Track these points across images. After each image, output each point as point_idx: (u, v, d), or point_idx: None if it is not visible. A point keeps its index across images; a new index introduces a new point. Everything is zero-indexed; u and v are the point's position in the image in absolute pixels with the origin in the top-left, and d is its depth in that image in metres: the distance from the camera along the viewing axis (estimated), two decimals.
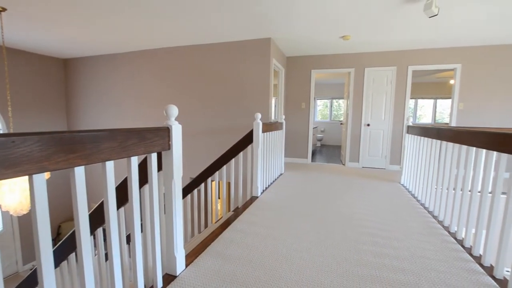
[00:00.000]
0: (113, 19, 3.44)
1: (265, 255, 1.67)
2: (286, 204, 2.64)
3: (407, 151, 3.52)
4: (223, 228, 2.04)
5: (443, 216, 2.28)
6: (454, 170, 2.15)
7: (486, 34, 3.88)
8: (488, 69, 4.41)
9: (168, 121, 1.35)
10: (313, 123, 5.73)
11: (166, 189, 1.38)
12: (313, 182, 3.67)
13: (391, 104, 4.90)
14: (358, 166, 5.13)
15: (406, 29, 3.67)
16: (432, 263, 1.62)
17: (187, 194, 2.86)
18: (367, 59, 4.91)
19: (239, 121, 4.34)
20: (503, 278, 1.47)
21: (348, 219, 2.30)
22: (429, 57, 4.63)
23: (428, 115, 8.69)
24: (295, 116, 5.39)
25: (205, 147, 4.59)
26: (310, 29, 3.70)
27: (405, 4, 2.92)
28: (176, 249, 1.42)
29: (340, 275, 1.48)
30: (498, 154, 1.56)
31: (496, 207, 1.57)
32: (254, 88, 4.23)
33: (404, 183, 3.59)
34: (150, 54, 4.84)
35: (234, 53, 4.30)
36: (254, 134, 2.73)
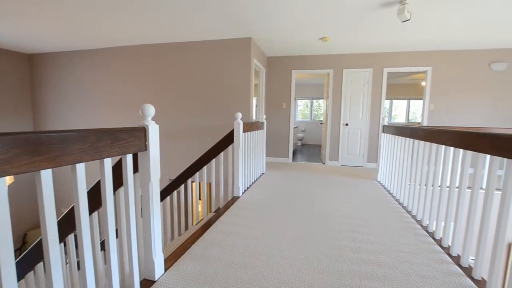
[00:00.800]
0: (85, 13, 3.27)
1: (247, 255, 1.66)
2: (267, 204, 2.65)
3: (383, 150, 3.67)
4: (204, 230, 2.00)
5: (416, 210, 2.40)
6: (425, 167, 2.27)
7: (453, 40, 4.13)
8: (456, 72, 4.71)
9: (145, 121, 1.30)
10: (294, 122, 5.81)
11: (143, 192, 1.33)
12: (294, 181, 3.72)
13: (368, 105, 5.08)
14: (338, 164, 5.27)
15: (381, 32, 3.83)
16: (406, 256, 1.70)
17: (166, 196, 2.79)
18: (345, 61, 5.06)
19: (220, 121, 4.30)
20: (468, 266, 1.58)
21: (328, 217, 2.35)
22: (402, 60, 4.86)
23: (402, 115, 9.12)
24: (276, 116, 5.44)
25: (185, 147, 4.50)
26: (290, 29, 3.75)
27: (380, 9, 3.04)
28: (154, 253, 1.37)
29: (320, 272, 1.51)
30: (464, 152, 1.67)
31: (463, 201, 1.68)
32: (235, 88, 4.21)
33: (381, 180, 3.74)
34: (127, 51, 4.66)
35: (214, 52, 4.25)
36: (235, 134, 2.72)
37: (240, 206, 2.54)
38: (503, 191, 1.31)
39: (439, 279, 1.46)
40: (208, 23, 3.56)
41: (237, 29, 3.75)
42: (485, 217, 1.43)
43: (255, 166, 3.59)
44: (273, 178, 3.85)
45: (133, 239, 1.25)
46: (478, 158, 1.54)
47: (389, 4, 2.93)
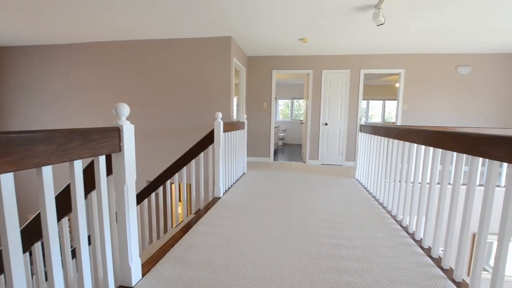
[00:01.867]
0: (51, 3, 3.07)
1: (228, 256, 1.65)
2: (249, 204, 2.65)
3: (360, 148, 3.80)
4: (183, 232, 1.96)
5: (391, 206, 2.50)
6: (399, 165, 2.38)
7: (424, 44, 4.37)
8: (426, 75, 4.98)
9: (119, 121, 1.24)
10: (275, 122, 5.86)
11: (118, 195, 1.27)
12: (275, 180, 3.74)
13: (346, 105, 5.24)
14: (318, 163, 5.38)
15: (358, 35, 3.96)
16: (382, 250, 1.76)
17: (143, 198, 2.69)
18: (324, 62, 5.18)
19: (200, 121, 4.23)
20: (438, 257, 1.67)
21: (308, 215, 2.39)
22: (378, 62, 5.06)
23: (378, 115, 9.51)
24: (257, 115, 5.45)
25: (163, 148, 4.37)
26: (270, 30, 3.77)
27: (356, 12, 3.14)
28: (130, 259, 1.31)
29: (301, 269, 1.53)
30: (434, 150, 1.77)
31: (433, 196, 1.78)
32: (215, 87, 4.16)
33: (358, 178, 3.87)
34: (100, 46, 4.45)
35: (194, 50, 4.17)
36: (215, 134, 2.68)
37: (221, 207, 2.52)
38: (468, 186, 1.40)
39: (412, 270, 1.53)
40: (187, 20, 3.49)
41: (217, 27, 3.71)
42: (452, 210, 1.52)
43: (236, 166, 3.57)
44: (254, 177, 3.85)
45: (107, 245, 1.19)
46: (446, 156, 1.64)
47: (365, 8, 3.03)
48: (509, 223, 1.14)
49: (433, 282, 1.43)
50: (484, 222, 1.27)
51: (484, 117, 4.92)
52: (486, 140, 1.24)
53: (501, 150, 1.14)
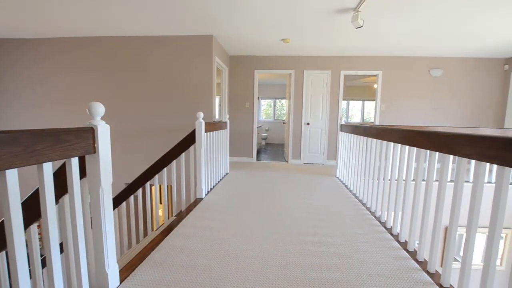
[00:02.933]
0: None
1: (210, 258, 1.62)
2: (231, 204, 2.63)
3: (341, 147, 3.90)
4: (164, 235, 1.90)
5: (370, 203, 2.59)
6: (377, 163, 2.46)
7: (400, 47, 4.57)
8: (403, 76, 5.21)
9: (93, 121, 1.18)
10: (258, 122, 5.87)
11: (92, 198, 1.21)
12: (258, 180, 3.75)
13: (327, 105, 5.36)
14: (300, 162, 5.46)
15: (338, 37, 4.06)
16: (362, 246, 1.82)
17: (121, 201, 2.59)
18: (306, 62, 5.26)
19: (181, 121, 4.14)
20: (414, 250, 1.75)
21: (291, 213, 2.41)
22: (357, 64, 5.22)
23: (358, 115, 9.82)
24: (240, 115, 5.44)
25: (143, 149, 4.24)
26: (252, 29, 3.77)
27: (336, 15, 3.22)
28: (107, 265, 1.26)
29: (284, 267, 1.54)
30: (409, 148, 1.85)
31: (408, 192, 1.86)
32: (196, 86, 4.09)
33: (339, 176, 3.97)
34: (74, 42, 4.22)
35: (174, 48, 4.08)
36: (196, 134, 2.64)
37: (204, 208, 2.48)
38: (439, 182, 1.48)
39: (390, 264, 1.59)
40: (166, 17, 3.41)
41: (198, 25, 3.65)
42: (426, 205, 1.60)
43: (218, 166, 3.53)
44: (237, 178, 3.84)
45: (82, 252, 1.13)
46: (420, 154, 1.72)
47: (344, 11, 3.11)
48: (476, 216, 1.22)
49: (409, 274, 1.49)
50: (454, 216, 1.34)
51: (455, 117, 5.22)
52: (455, 138, 1.31)
53: (468, 148, 1.22)
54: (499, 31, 3.69)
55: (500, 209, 1.09)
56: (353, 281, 1.42)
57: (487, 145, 1.11)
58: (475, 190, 1.22)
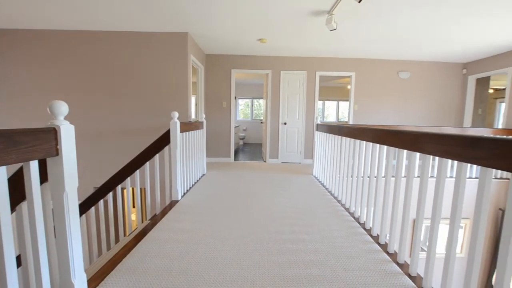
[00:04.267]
0: None
1: (187, 261, 1.58)
2: (209, 205, 2.58)
3: (317, 146, 4.00)
4: (137, 240, 1.82)
5: (345, 199, 2.68)
6: (351, 161, 2.56)
7: (372, 50, 4.79)
8: (374, 78, 5.47)
9: (55, 121, 1.09)
10: (235, 122, 5.84)
11: (55, 204, 1.12)
12: (236, 180, 3.73)
13: (304, 105, 5.47)
14: (278, 162, 5.52)
15: (313, 38, 4.16)
16: (337, 241, 1.88)
17: (90, 206, 2.43)
18: (283, 63, 5.32)
19: (156, 121, 4.00)
20: (385, 243, 1.84)
21: (269, 212, 2.43)
22: (332, 65, 5.39)
23: (333, 114, 10.14)
24: (217, 115, 5.37)
25: (114, 151, 4.02)
26: (228, 28, 3.74)
27: (311, 17, 3.29)
28: (73, 275, 1.17)
29: (262, 267, 1.54)
30: (380, 146, 1.94)
31: (380, 189, 1.95)
32: (171, 85, 3.97)
33: (316, 174, 4.06)
34: (36, 35, 3.90)
35: (147, 45, 3.92)
36: (171, 134, 2.55)
37: (179, 211, 2.41)
38: (407, 178, 1.56)
39: (363, 257, 1.65)
40: (139, 13, 3.26)
41: (173, 22, 3.54)
42: (395, 200, 1.68)
43: (195, 167, 3.46)
44: (214, 178, 3.78)
45: (43, 263, 1.04)
46: (390, 151, 1.81)
47: (319, 14, 3.19)
48: (439, 208, 1.31)
49: (380, 266, 1.56)
50: (420, 209, 1.43)
51: (421, 117, 5.59)
52: (421, 137, 1.40)
53: (432, 146, 1.30)
54: (458, 38, 4.01)
55: (459, 201, 1.17)
56: (329, 276, 1.46)
57: (448, 143, 1.19)
58: (438, 184, 1.30)
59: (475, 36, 3.89)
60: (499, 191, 4.20)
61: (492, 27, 3.51)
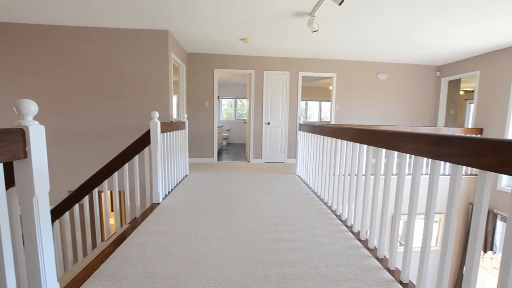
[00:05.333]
0: None
1: (169, 265, 1.54)
2: (192, 207, 2.54)
3: (300, 146, 4.05)
4: (116, 245, 1.75)
5: (327, 198, 2.73)
6: (332, 159, 2.61)
7: (352, 52, 4.92)
8: (354, 79, 5.63)
9: (23, 121, 1.02)
10: (218, 122, 5.78)
11: (24, 210, 1.05)
12: (219, 180, 3.69)
13: (287, 105, 5.52)
14: (261, 161, 5.53)
15: (295, 39, 4.21)
16: (320, 239, 1.91)
17: (64, 211, 2.30)
18: (266, 63, 5.34)
19: (135, 121, 3.86)
20: (365, 239, 1.90)
21: (253, 212, 2.42)
22: (314, 66, 5.48)
23: (315, 114, 10.33)
24: (199, 115, 5.29)
25: (91, 152, 3.84)
26: (210, 27, 3.69)
27: (293, 18, 3.32)
28: (44, 285, 1.10)
29: (246, 267, 1.53)
30: (361, 145, 1.99)
31: (360, 187, 2.01)
32: (151, 84, 3.85)
33: (299, 173, 4.12)
34: (6, 29, 3.63)
35: (126, 42, 3.78)
36: (151, 135, 2.47)
37: (161, 213, 2.34)
38: (385, 175, 1.62)
39: (345, 254, 1.69)
40: (117, 8, 3.14)
41: (153, 19, 3.44)
42: (375, 197, 1.74)
43: (177, 168, 3.38)
44: (197, 179, 3.72)
45: (9, 275, 0.97)
46: (369, 150, 1.86)
47: (301, 15, 3.23)
48: (415, 204, 1.37)
49: (361, 261, 1.60)
50: (397, 205, 1.49)
51: (399, 117, 5.82)
52: (397, 136, 1.45)
53: (408, 145, 1.35)
54: (432, 43, 4.23)
55: (433, 197, 1.23)
56: (312, 273, 1.48)
57: (422, 142, 1.25)
58: (414, 181, 1.36)
59: (448, 40, 4.12)
60: (469, 186, 4.48)
61: (463, 33, 3.73)
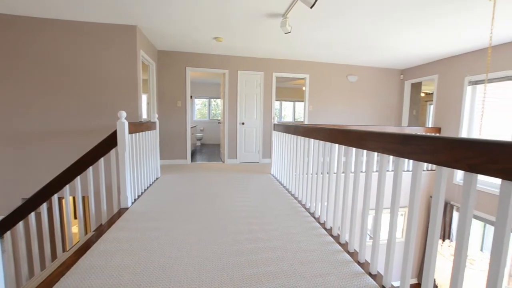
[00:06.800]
0: None
1: (138, 273, 1.46)
2: (163, 210, 2.44)
3: (274, 146, 4.09)
4: (79, 255, 1.62)
5: (301, 196, 2.79)
6: (305, 159, 2.67)
7: (323, 54, 5.07)
8: (326, 80, 5.81)
9: None
10: (192, 122, 5.65)
11: None
12: (193, 182, 3.60)
13: (261, 105, 5.55)
14: (236, 162, 5.50)
15: (269, 40, 4.24)
16: (294, 237, 1.93)
17: (17, 221, 2.08)
18: (240, 63, 5.32)
19: (101, 121, 3.61)
20: (337, 235, 1.96)
21: (228, 213, 2.39)
22: (288, 67, 5.57)
23: (290, 115, 10.52)
24: (171, 115, 5.11)
25: (49, 156, 3.49)
26: (182, 24, 3.58)
27: (267, 19, 3.34)
28: None
29: (220, 269, 1.50)
30: (332, 144, 2.05)
31: (331, 184, 2.07)
32: (118, 82, 3.63)
33: (274, 173, 4.15)
34: None
35: (90, 36, 3.52)
36: (118, 136, 2.32)
37: (130, 218, 2.22)
38: (355, 173, 1.68)
39: (318, 250, 1.73)
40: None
41: (119, 13, 3.25)
42: (345, 194, 1.80)
43: (147, 170, 3.23)
44: (169, 181, 3.60)
45: None
46: (341, 149, 1.92)
47: (274, 16, 3.26)
48: (382, 199, 1.43)
49: (334, 256, 1.65)
50: (366, 200, 1.55)
51: (368, 117, 6.13)
52: (365, 136, 1.51)
53: (374, 143, 1.42)
54: (397, 48, 4.51)
55: (397, 191, 1.30)
56: (287, 271, 1.49)
57: (387, 141, 1.31)
58: (380, 178, 1.43)
59: (410, 46, 4.42)
60: (430, 181, 4.85)
61: (424, 39, 4.03)
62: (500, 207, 0.80)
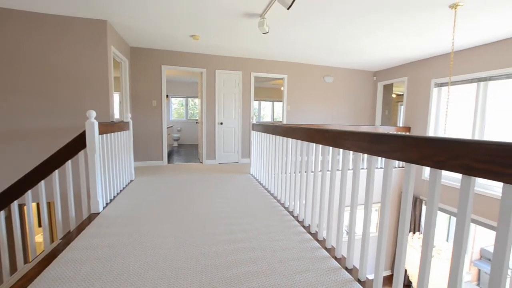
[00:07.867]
0: None
1: (111, 281, 1.38)
2: (137, 214, 2.33)
3: (253, 145, 4.09)
4: (44, 265, 1.50)
5: (280, 195, 2.81)
6: (284, 158, 2.70)
7: (301, 55, 5.17)
8: (304, 81, 5.93)
9: None
10: (168, 122, 5.49)
11: None
12: (170, 184, 3.50)
13: (240, 105, 5.53)
14: (215, 162, 5.43)
15: (247, 40, 4.23)
16: (273, 236, 1.94)
17: None
18: (218, 62, 5.26)
19: (67, 121, 3.36)
20: (315, 232, 2.00)
21: (206, 215, 2.35)
22: (266, 67, 5.60)
23: (269, 114, 10.59)
24: (146, 115, 4.92)
25: (8, 159, 3.20)
26: (155, 20, 3.46)
27: (244, 18, 3.33)
28: None
29: (198, 272, 1.47)
30: (309, 144, 2.09)
31: (309, 183, 2.11)
32: (87, 80, 3.41)
33: (253, 173, 4.15)
34: None
35: (54, 31, 3.26)
36: (87, 137, 2.18)
37: (101, 224, 2.10)
38: (331, 171, 1.73)
39: (297, 248, 1.76)
40: None
41: (87, 6, 3.06)
42: (322, 192, 1.84)
43: (120, 173, 3.08)
44: (144, 184, 3.46)
45: None
46: (319, 148, 1.97)
47: (252, 16, 3.25)
48: (356, 195, 1.49)
49: (312, 253, 1.68)
50: (341, 197, 1.60)
51: (344, 117, 6.35)
52: (340, 135, 1.56)
53: (350, 142, 1.47)
54: (370, 51, 4.72)
55: (370, 188, 1.35)
56: (266, 270, 1.50)
57: (360, 140, 1.36)
58: (355, 175, 1.48)
59: (382, 50, 4.65)
60: (401, 178, 5.13)
61: (396, 43, 4.25)
62: (460, 200, 0.86)
